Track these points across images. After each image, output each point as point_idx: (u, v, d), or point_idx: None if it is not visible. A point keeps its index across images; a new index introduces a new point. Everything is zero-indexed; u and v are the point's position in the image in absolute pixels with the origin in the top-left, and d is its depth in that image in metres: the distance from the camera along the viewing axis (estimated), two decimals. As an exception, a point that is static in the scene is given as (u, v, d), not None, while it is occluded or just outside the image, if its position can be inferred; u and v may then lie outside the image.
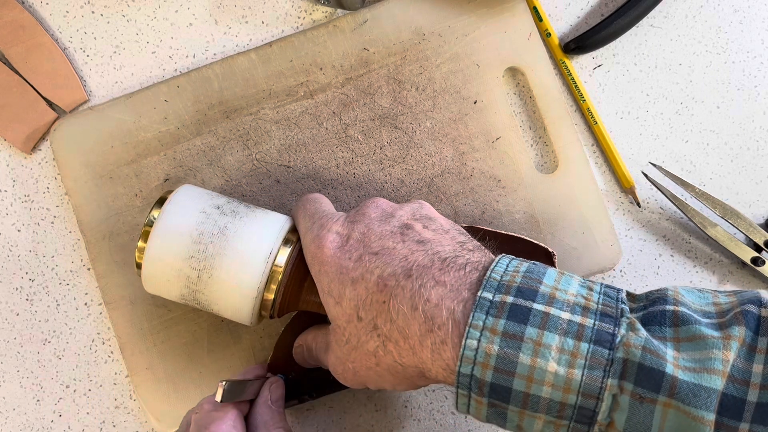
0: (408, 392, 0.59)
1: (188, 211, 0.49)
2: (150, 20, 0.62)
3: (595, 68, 0.63)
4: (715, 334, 0.39)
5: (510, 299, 0.40)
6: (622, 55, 0.63)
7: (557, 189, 0.59)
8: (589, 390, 0.38)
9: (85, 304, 0.60)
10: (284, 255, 0.49)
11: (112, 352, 0.59)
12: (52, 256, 0.60)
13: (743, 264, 0.61)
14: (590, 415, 0.38)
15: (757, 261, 0.60)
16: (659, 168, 0.60)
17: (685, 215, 0.60)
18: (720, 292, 0.43)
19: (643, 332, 0.39)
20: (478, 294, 0.40)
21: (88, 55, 0.62)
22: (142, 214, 0.58)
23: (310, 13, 0.62)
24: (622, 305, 0.40)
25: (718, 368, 0.37)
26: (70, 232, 0.60)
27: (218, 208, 0.49)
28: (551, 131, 0.60)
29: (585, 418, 0.39)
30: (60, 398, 0.59)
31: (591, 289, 0.41)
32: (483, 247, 0.46)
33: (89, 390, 0.59)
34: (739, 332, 0.38)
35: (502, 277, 0.41)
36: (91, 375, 0.59)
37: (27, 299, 0.60)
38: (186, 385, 0.57)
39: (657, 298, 0.41)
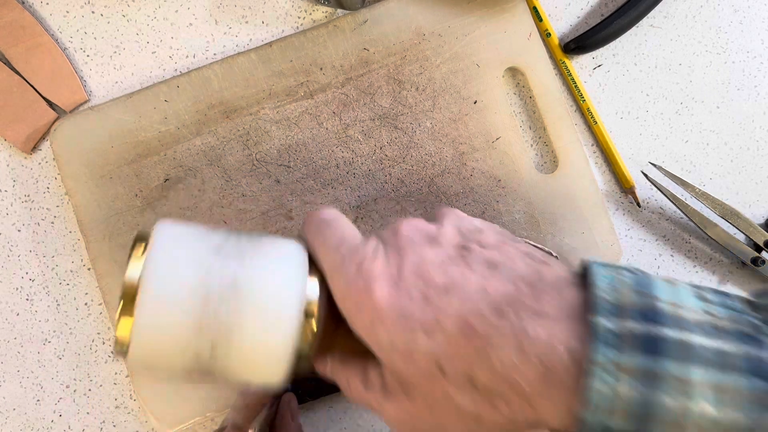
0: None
1: (182, 264, 0.36)
2: (150, 20, 0.62)
3: (595, 68, 0.63)
4: None
5: (633, 325, 0.32)
6: (622, 55, 0.63)
7: (557, 189, 0.59)
8: None
9: (86, 304, 0.60)
10: (314, 304, 0.38)
11: (112, 352, 0.59)
12: (53, 256, 0.60)
13: (743, 264, 0.61)
14: None
15: (757, 261, 0.60)
16: (659, 168, 0.60)
17: (685, 215, 0.60)
18: None
19: None
20: (593, 320, 0.33)
21: (88, 55, 0.62)
22: (142, 215, 0.58)
23: (310, 13, 0.62)
24: (751, 318, 0.33)
25: None
26: (71, 232, 0.60)
27: (218, 252, 0.38)
28: (551, 131, 0.60)
29: None
30: (60, 398, 0.59)
31: (706, 300, 0.34)
32: (544, 249, 0.40)
33: (89, 390, 0.59)
34: None
35: (612, 295, 0.34)
36: (91, 375, 0.59)
37: (27, 299, 0.60)
38: (186, 384, 0.57)
39: None
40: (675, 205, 0.60)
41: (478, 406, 0.35)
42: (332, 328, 0.40)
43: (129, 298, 0.35)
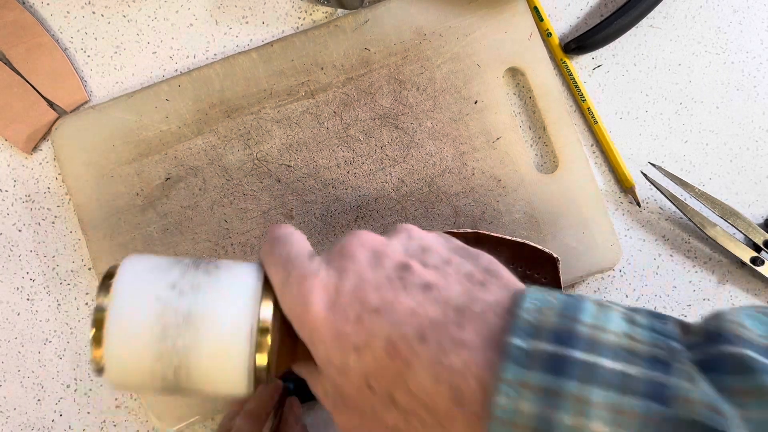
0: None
1: (140, 302, 0.40)
2: (150, 21, 0.62)
3: (594, 68, 0.63)
4: None
5: (545, 346, 0.34)
6: (622, 56, 0.63)
7: (557, 189, 0.59)
8: None
9: (86, 303, 0.60)
10: (267, 324, 0.40)
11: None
12: (53, 256, 0.60)
13: (742, 264, 0.61)
14: None
15: (756, 261, 0.60)
16: (659, 168, 0.61)
17: (685, 215, 0.60)
18: None
19: (703, 384, 0.33)
20: (508, 340, 0.34)
21: (88, 56, 0.62)
22: (143, 213, 0.58)
23: (311, 14, 0.62)
24: (673, 343, 0.34)
25: None
26: (71, 232, 0.60)
27: (174, 287, 0.41)
28: (551, 131, 0.60)
29: None
30: (61, 398, 0.59)
31: (634, 323, 0.35)
32: (493, 270, 0.40)
33: (90, 390, 0.59)
34: None
35: (534, 317, 0.35)
36: (91, 375, 0.59)
37: (28, 299, 0.60)
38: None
39: (715, 333, 0.35)
40: (674, 205, 0.60)
41: (398, 422, 0.38)
42: (292, 342, 0.42)
43: (98, 328, 0.39)
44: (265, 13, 0.62)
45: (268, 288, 0.42)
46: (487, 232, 0.56)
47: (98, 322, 0.40)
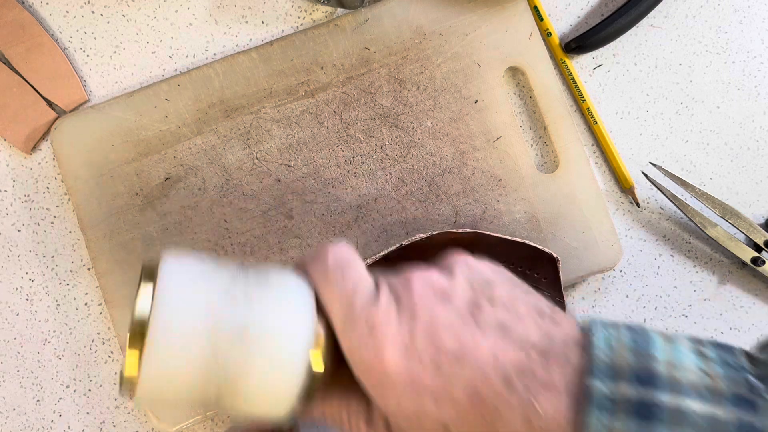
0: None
1: (191, 313, 0.35)
2: (150, 20, 0.62)
3: (595, 68, 0.63)
4: None
5: (628, 390, 0.33)
6: (622, 55, 0.63)
7: (558, 189, 0.59)
8: None
9: (85, 304, 0.59)
10: (321, 346, 0.38)
11: (112, 352, 0.59)
12: (52, 256, 0.60)
13: (743, 264, 0.61)
14: None
15: (757, 261, 0.60)
16: (659, 168, 0.60)
17: (685, 215, 0.60)
18: None
19: None
20: (589, 383, 0.33)
21: (88, 55, 0.61)
22: (143, 213, 0.58)
23: (310, 13, 0.62)
24: (751, 378, 0.34)
25: None
26: (70, 232, 0.60)
27: (227, 295, 0.37)
28: (552, 131, 0.60)
29: None
30: (60, 398, 0.59)
31: (706, 357, 0.35)
32: (557, 306, 0.40)
33: (89, 390, 0.59)
34: None
35: (608, 355, 0.34)
36: (91, 375, 0.59)
37: (27, 299, 0.59)
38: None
39: None
40: (675, 205, 0.60)
41: None
42: (335, 366, 0.39)
43: (137, 340, 0.35)
44: (264, 12, 0.62)
45: (319, 311, 0.39)
46: (487, 232, 0.55)
47: (138, 335, 0.35)
